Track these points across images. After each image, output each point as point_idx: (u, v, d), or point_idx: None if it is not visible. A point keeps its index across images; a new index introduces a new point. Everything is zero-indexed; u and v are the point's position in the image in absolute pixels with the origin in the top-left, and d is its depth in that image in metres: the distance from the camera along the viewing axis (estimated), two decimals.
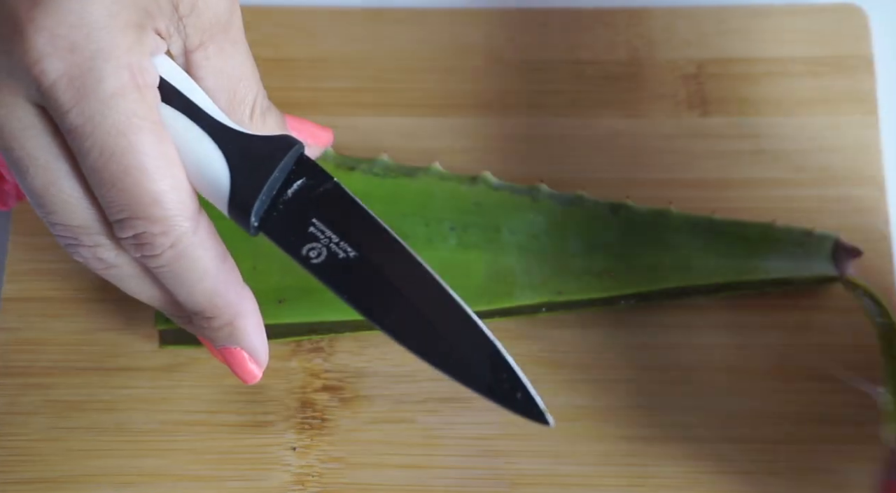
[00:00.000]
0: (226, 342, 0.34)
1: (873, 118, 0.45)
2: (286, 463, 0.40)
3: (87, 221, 0.31)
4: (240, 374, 0.35)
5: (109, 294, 0.42)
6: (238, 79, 0.34)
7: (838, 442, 0.41)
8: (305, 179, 0.32)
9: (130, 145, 0.29)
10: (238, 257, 0.40)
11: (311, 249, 0.31)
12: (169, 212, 0.30)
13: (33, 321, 0.42)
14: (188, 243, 0.31)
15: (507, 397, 0.30)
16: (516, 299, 0.40)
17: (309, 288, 0.40)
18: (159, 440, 0.40)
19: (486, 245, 0.41)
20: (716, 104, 0.45)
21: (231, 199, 0.31)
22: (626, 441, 0.41)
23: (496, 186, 0.42)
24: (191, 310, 0.34)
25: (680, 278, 0.41)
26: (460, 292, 0.39)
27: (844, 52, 0.46)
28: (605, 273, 0.41)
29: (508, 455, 0.40)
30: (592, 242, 0.41)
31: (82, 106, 0.28)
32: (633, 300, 0.41)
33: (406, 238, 0.40)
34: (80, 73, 0.28)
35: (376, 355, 0.42)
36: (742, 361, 0.42)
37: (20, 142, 0.30)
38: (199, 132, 0.31)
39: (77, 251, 0.32)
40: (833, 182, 0.44)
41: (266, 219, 0.32)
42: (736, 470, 0.40)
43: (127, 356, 0.41)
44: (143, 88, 0.29)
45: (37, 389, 0.41)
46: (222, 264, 0.33)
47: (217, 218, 0.34)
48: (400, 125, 0.45)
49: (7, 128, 0.29)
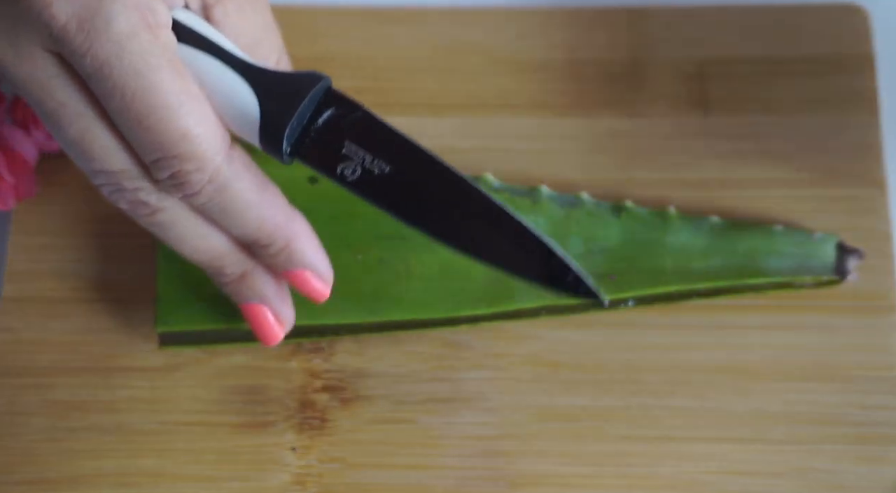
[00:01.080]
0: (288, 266, 0.35)
1: (875, 118, 0.45)
2: (286, 464, 0.40)
3: (125, 164, 0.31)
4: (310, 292, 0.36)
5: (109, 294, 0.42)
6: (258, 40, 0.34)
7: (838, 442, 0.40)
8: (335, 109, 0.32)
9: (150, 85, 0.29)
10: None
11: (345, 167, 0.32)
12: (199, 147, 0.30)
13: (33, 322, 0.42)
14: (225, 177, 0.31)
15: (559, 281, 0.32)
16: (517, 303, 0.40)
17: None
18: (158, 441, 0.40)
19: None
20: (717, 104, 0.45)
21: (262, 128, 0.31)
22: (626, 441, 0.40)
23: (496, 187, 0.42)
24: (247, 241, 0.34)
25: (681, 282, 0.41)
26: (461, 296, 0.39)
27: (846, 52, 0.46)
28: (606, 277, 0.41)
29: (509, 456, 0.40)
30: (593, 245, 0.41)
31: (95, 49, 0.29)
32: (633, 303, 0.41)
33: (406, 241, 0.41)
34: (90, 14, 0.29)
35: (376, 356, 0.42)
36: (742, 361, 0.42)
37: (49, 92, 0.30)
38: (223, 68, 0.31)
39: (121, 197, 0.32)
40: (834, 182, 0.44)
41: (298, 145, 0.32)
42: (736, 470, 0.40)
43: (126, 357, 0.41)
44: (154, 28, 0.30)
45: (36, 389, 0.41)
46: (264, 191, 0.33)
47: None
48: (400, 125, 0.44)
49: (35, 80, 0.30)
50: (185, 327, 0.40)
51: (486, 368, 0.41)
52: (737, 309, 0.42)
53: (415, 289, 0.40)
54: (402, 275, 0.40)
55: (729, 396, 0.41)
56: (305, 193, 0.41)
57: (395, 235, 0.41)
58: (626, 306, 0.41)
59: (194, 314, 0.40)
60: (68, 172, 0.44)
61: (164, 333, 0.40)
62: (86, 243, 0.43)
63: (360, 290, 0.40)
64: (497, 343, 0.42)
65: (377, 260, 0.40)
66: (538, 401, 0.41)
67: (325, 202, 0.41)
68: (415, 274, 0.40)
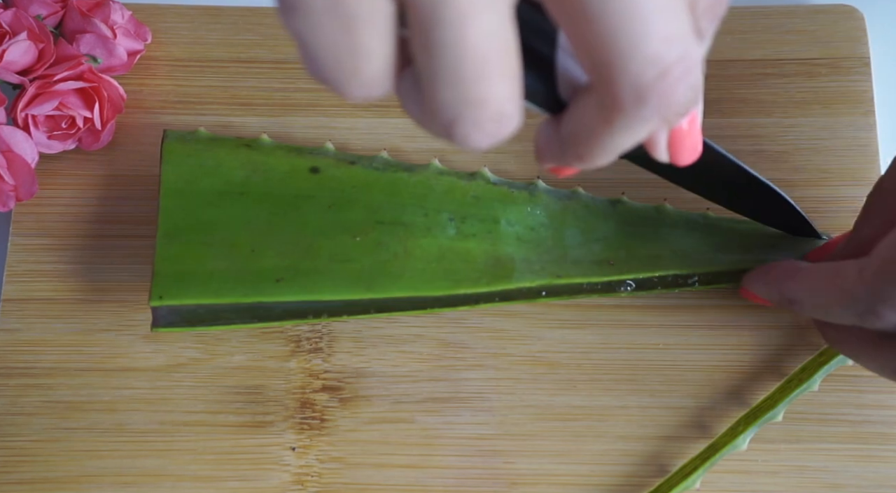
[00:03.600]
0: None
1: (870, 119, 0.45)
2: (285, 463, 0.40)
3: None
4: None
5: (108, 295, 0.42)
6: None
7: (835, 441, 0.41)
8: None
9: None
10: (238, 241, 0.40)
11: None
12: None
13: (33, 322, 0.42)
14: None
15: (790, 225, 0.41)
16: (516, 281, 0.41)
17: (305, 269, 0.40)
18: (159, 441, 0.40)
19: (485, 235, 0.41)
20: (712, 105, 0.45)
21: None
22: (623, 441, 0.41)
23: (494, 181, 0.42)
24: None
25: (680, 265, 0.41)
26: (460, 274, 0.39)
27: (841, 53, 0.46)
28: (604, 262, 0.41)
29: (507, 455, 0.41)
30: (591, 235, 0.41)
31: None
32: (632, 286, 0.41)
33: (405, 226, 0.41)
34: None
35: (375, 356, 0.42)
36: (738, 360, 0.42)
37: None
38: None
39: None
40: (830, 182, 0.44)
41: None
42: (733, 469, 0.40)
43: (126, 357, 0.42)
44: None
45: (37, 389, 0.41)
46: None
47: (213, 205, 0.33)
48: (399, 126, 0.45)
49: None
50: (180, 300, 0.39)
51: (485, 368, 0.42)
52: (732, 309, 0.42)
53: (413, 268, 0.40)
54: (400, 256, 0.40)
55: (725, 395, 0.41)
56: (307, 182, 0.41)
57: (395, 221, 0.41)
58: (625, 290, 0.41)
59: (190, 289, 0.39)
60: (67, 173, 0.44)
61: (158, 308, 0.39)
62: (85, 244, 0.43)
63: (357, 268, 0.40)
64: (495, 343, 0.42)
65: (376, 242, 0.41)
66: (536, 400, 0.41)
67: (325, 191, 0.41)
68: (413, 255, 0.40)
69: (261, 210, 0.41)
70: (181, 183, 0.41)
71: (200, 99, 0.45)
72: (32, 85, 0.41)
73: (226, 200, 0.41)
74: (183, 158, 0.41)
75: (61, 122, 0.42)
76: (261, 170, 0.41)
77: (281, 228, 0.40)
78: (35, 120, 0.42)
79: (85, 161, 0.44)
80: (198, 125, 0.44)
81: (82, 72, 0.41)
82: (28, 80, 0.41)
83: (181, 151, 0.41)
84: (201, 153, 0.41)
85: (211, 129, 0.44)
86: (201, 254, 0.39)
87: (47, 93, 0.41)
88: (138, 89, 0.45)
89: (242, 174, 0.41)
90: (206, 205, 0.41)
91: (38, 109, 0.41)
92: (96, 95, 0.42)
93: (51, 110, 0.41)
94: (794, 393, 0.40)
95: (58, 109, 0.42)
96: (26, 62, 0.41)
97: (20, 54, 0.41)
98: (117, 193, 0.44)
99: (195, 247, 0.40)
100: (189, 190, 0.41)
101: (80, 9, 0.43)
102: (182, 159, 0.41)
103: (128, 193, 0.44)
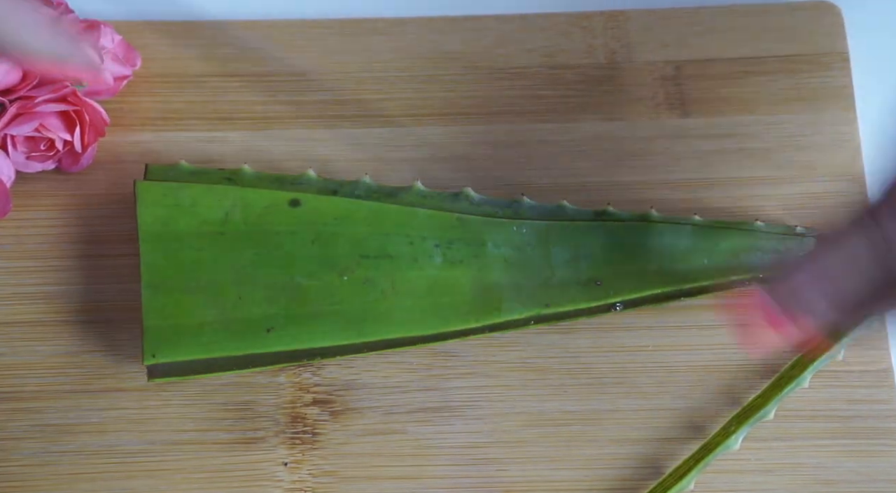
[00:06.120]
0: None
1: (851, 113, 0.45)
2: (278, 479, 0.40)
3: None
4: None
5: (93, 316, 0.42)
6: None
7: (827, 437, 0.41)
8: None
9: None
10: (223, 286, 0.40)
11: None
12: None
13: (18, 346, 0.42)
14: None
15: None
16: (504, 314, 0.41)
17: (295, 315, 0.39)
18: (149, 461, 0.40)
19: (472, 260, 0.41)
20: (695, 105, 0.45)
21: None
22: (616, 444, 0.41)
23: (478, 201, 0.42)
24: None
25: (666, 284, 0.41)
26: (448, 310, 0.39)
27: (820, 50, 0.46)
28: (591, 282, 0.41)
29: (500, 462, 0.40)
30: (577, 252, 0.41)
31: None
32: (621, 307, 0.41)
33: (391, 259, 0.40)
34: None
35: (365, 367, 0.41)
36: (728, 360, 0.42)
37: None
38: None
39: None
40: (813, 178, 0.44)
41: None
42: (727, 469, 0.40)
43: (114, 377, 0.41)
44: None
45: (25, 413, 0.41)
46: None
47: (194, 248, 0.33)
48: (380, 135, 0.45)
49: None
50: (173, 358, 0.39)
51: (475, 376, 0.41)
52: (721, 309, 0.42)
53: (402, 307, 0.40)
54: (388, 293, 0.40)
55: (716, 395, 0.41)
56: (288, 216, 0.40)
57: (381, 253, 0.40)
58: (614, 310, 0.41)
59: (181, 346, 0.39)
60: (48, 193, 0.44)
61: (153, 366, 0.39)
62: (68, 265, 0.43)
63: (347, 311, 0.40)
64: (485, 351, 0.42)
65: (363, 280, 0.40)
66: (528, 407, 0.41)
67: (306, 225, 0.40)
68: (401, 291, 0.40)
69: (243, 249, 0.40)
70: (158, 226, 0.40)
71: (181, 115, 0.45)
72: (13, 105, 0.41)
73: (205, 240, 0.40)
74: (158, 198, 0.40)
75: (40, 143, 0.42)
76: (239, 205, 0.40)
77: (265, 268, 0.40)
78: (14, 140, 0.42)
79: (65, 181, 0.44)
80: (179, 142, 0.44)
81: (65, 95, 0.41)
82: (8, 100, 0.41)
83: (156, 191, 0.40)
84: (176, 192, 0.40)
85: (192, 146, 0.44)
86: (188, 303, 0.39)
87: (28, 114, 0.41)
88: (118, 107, 0.45)
89: (220, 212, 0.40)
90: (185, 247, 0.40)
91: (17, 130, 0.41)
92: (78, 119, 0.42)
93: (30, 131, 0.41)
94: (784, 391, 0.40)
95: (37, 130, 0.41)
96: (10, 82, 0.41)
97: (3, 74, 0.40)
98: (98, 212, 0.43)
99: (181, 296, 0.39)
100: (167, 232, 0.40)
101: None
102: (157, 199, 0.40)
103: (109, 211, 0.43)
